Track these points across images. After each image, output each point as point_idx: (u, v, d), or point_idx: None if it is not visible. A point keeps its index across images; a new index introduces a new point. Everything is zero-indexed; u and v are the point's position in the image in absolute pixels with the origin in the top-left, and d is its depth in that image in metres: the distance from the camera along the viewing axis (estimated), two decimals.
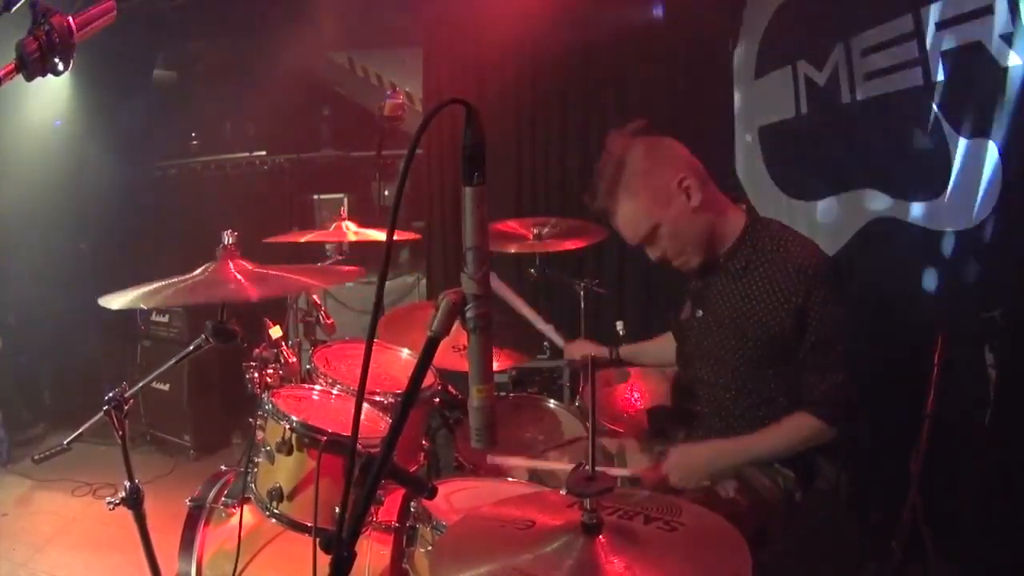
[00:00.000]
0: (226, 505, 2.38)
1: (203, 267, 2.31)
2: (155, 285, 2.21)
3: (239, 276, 2.24)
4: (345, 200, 3.46)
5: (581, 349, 2.70)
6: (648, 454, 2.27)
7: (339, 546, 1.13)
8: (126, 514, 2.14)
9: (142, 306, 2.16)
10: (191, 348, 2.24)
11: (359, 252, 3.94)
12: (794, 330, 1.98)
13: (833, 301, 1.97)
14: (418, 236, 3.56)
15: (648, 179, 2.01)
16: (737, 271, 2.07)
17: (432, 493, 1.46)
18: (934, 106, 2.76)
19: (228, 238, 2.30)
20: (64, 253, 5.35)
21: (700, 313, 2.21)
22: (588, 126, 4.86)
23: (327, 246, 4.23)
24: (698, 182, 2.02)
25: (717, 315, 2.13)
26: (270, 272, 2.30)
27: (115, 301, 2.14)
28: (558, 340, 2.71)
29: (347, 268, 2.63)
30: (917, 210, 2.92)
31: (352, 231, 3.17)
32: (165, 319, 5.20)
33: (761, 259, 2.03)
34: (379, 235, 3.17)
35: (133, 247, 5.57)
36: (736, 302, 2.07)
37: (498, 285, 2.27)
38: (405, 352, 2.81)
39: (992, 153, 2.52)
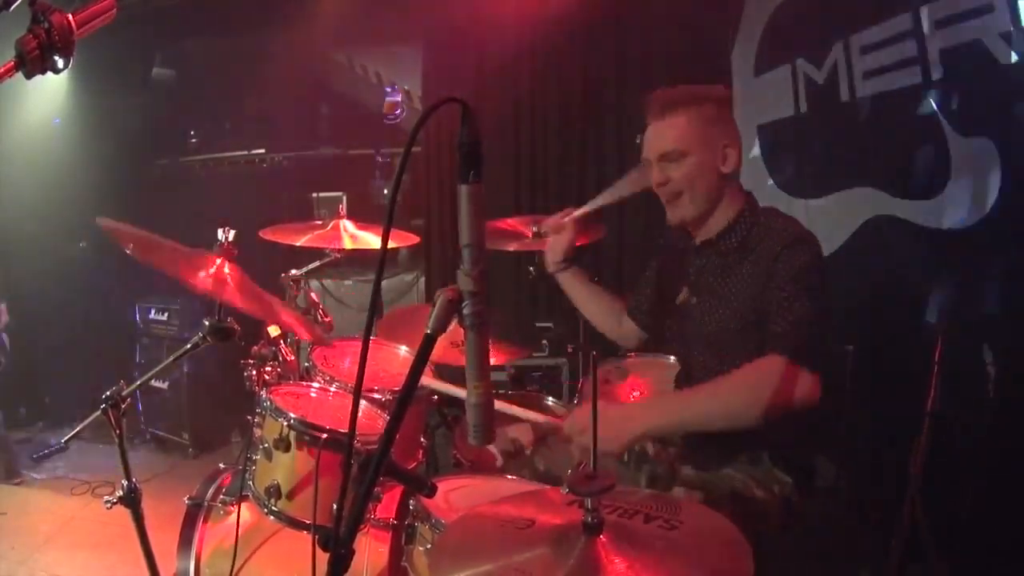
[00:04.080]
0: (224, 503, 2.38)
1: (200, 250, 2.33)
2: (153, 237, 2.25)
3: (215, 272, 2.29)
4: (344, 198, 3.44)
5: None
6: (650, 445, 2.26)
7: (337, 544, 1.13)
8: (124, 513, 2.14)
9: (127, 250, 2.18)
10: (189, 346, 2.24)
11: (359, 250, 3.93)
12: (765, 295, 1.99)
13: (806, 258, 1.96)
14: (417, 239, 3.54)
15: (708, 124, 2.11)
16: (729, 251, 2.12)
17: (432, 491, 1.46)
18: (933, 104, 2.76)
19: (224, 235, 2.31)
20: (63, 251, 5.35)
21: (695, 300, 2.22)
22: (587, 124, 4.86)
23: None
24: (736, 158, 2.13)
25: (713, 298, 2.15)
26: (243, 285, 2.31)
27: (110, 224, 2.19)
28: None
29: (314, 326, 2.65)
30: (916, 208, 2.92)
31: (348, 233, 3.17)
32: (164, 317, 5.20)
33: (752, 239, 2.09)
34: (376, 240, 3.17)
35: None
36: (724, 284, 2.11)
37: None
38: (403, 349, 2.81)
39: (991, 151, 2.52)
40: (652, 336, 2.58)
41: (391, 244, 2.74)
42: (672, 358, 2.48)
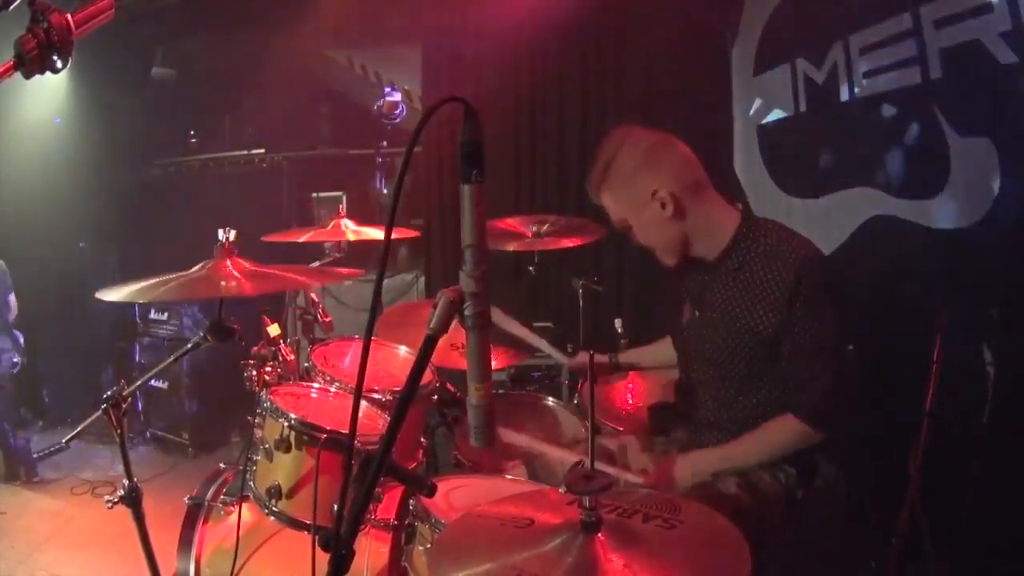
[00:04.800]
0: (225, 503, 2.38)
1: (201, 264, 2.31)
2: (152, 281, 2.21)
3: (236, 273, 2.24)
4: (344, 198, 3.44)
5: (583, 364, 2.68)
6: (649, 453, 2.27)
7: (338, 544, 1.13)
8: (125, 512, 2.14)
9: (139, 300, 2.16)
10: (189, 346, 2.24)
11: (358, 250, 3.93)
12: (779, 329, 1.98)
13: (822, 301, 1.96)
14: (417, 234, 3.54)
15: (626, 184, 2.08)
16: (731, 271, 2.07)
17: (431, 491, 1.46)
18: (933, 104, 2.76)
19: (225, 236, 2.30)
20: (63, 251, 5.35)
21: (696, 314, 2.21)
22: (587, 124, 4.86)
23: (326, 244, 4.23)
24: (679, 191, 2.04)
25: (712, 316, 2.13)
26: (267, 270, 2.30)
27: (112, 295, 2.14)
28: (560, 357, 2.71)
29: (344, 269, 2.64)
30: (915, 208, 2.92)
31: (351, 229, 3.17)
32: (164, 317, 5.20)
33: (754, 258, 2.04)
34: (378, 233, 3.17)
35: (132, 245, 5.57)
36: (729, 302, 2.08)
37: (500, 318, 2.37)
38: (403, 350, 2.81)
39: (990, 151, 2.52)
40: None
41: (392, 236, 2.75)
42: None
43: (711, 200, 2.10)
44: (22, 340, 4.75)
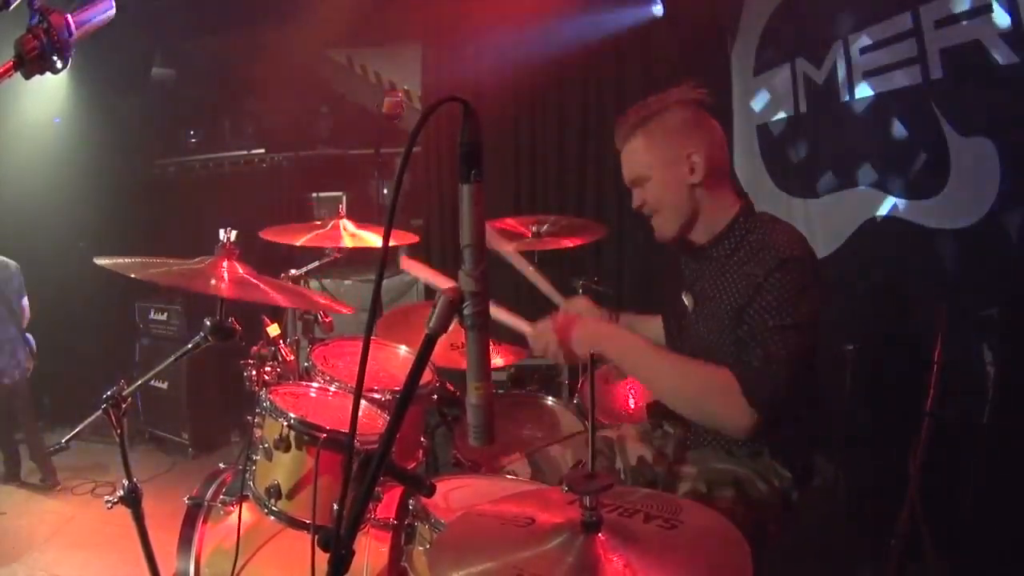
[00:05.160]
0: (224, 503, 2.38)
1: (200, 258, 2.31)
2: (149, 259, 2.23)
3: (225, 275, 2.25)
4: (344, 198, 3.44)
5: (578, 306, 2.55)
6: (647, 444, 2.27)
7: (338, 544, 1.13)
8: (125, 512, 2.14)
9: (131, 274, 2.17)
10: (190, 346, 2.23)
11: (357, 251, 3.92)
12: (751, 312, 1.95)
13: (794, 283, 1.90)
14: (416, 239, 3.53)
15: (667, 137, 2.08)
16: (723, 257, 2.09)
17: (431, 491, 1.46)
18: (933, 104, 2.76)
19: (226, 236, 2.30)
20: (63, 251, 5.35)
21: (692, 306, 2.22)
22: (586, 124, 4.86)
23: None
24: (707, 164, 2.06)
25: (705, 305, 2.14)
26: (253, 280, 2.29)
27: (107, 262, 2.16)
28: (558, 299, 2.64)
29: (326, 301, 2.67)
30: (915, 208, 2.92)
31: (349, 231, 3.17)
32: (164, 317, 5.21)
33: (748, 246, 2.05)
34: (376, 238, 3.16)
35: (132, 246, 5.56)
36: (719, 290, 2.08)
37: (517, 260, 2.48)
38: (403, 349, 2.81)
39: (990, 151, 2.52)
40: None
41: (391, 243, 2.74)
42: None
43: (725, 187, 2.13)
44: (33, 343, 4.75)
